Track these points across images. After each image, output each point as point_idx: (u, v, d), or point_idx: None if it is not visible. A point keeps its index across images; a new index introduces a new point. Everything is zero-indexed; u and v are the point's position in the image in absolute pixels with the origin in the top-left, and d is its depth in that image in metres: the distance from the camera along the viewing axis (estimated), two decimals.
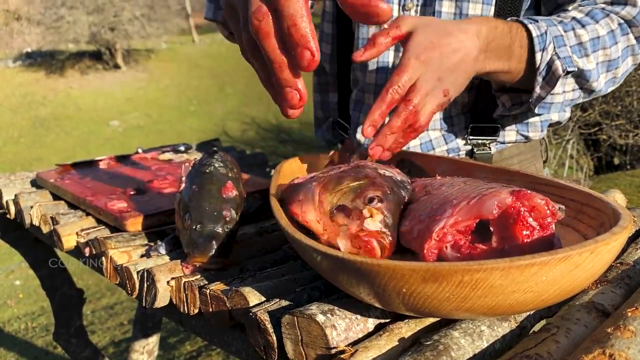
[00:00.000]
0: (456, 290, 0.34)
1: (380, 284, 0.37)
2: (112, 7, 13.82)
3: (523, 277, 0.34)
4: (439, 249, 0.42)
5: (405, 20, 0.65)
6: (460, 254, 0.42)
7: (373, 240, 0.46)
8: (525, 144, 0.98)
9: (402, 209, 0.50)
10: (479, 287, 0.34)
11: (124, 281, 0.59)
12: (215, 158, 0.64)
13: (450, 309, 0.36)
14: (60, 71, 13.37)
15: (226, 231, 0.57)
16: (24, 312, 3.65)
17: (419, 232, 0.44)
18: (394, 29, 0.65)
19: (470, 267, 0.33)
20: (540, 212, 0.41)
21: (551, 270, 0.34)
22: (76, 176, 0.92)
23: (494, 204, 0.41)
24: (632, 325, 0.37)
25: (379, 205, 0.48)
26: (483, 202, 0.41)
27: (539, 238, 0.41)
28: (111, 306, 3.48)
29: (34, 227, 0.83)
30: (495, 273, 0.33)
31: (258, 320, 0.43)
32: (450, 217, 0.42)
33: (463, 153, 0.92)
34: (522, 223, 0.41)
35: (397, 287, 0.36)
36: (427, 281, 0.35)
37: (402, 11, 0.87)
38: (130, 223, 0.68)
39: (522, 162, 0.99)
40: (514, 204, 0.41)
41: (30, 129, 9.99)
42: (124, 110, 10.35)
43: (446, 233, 0.42)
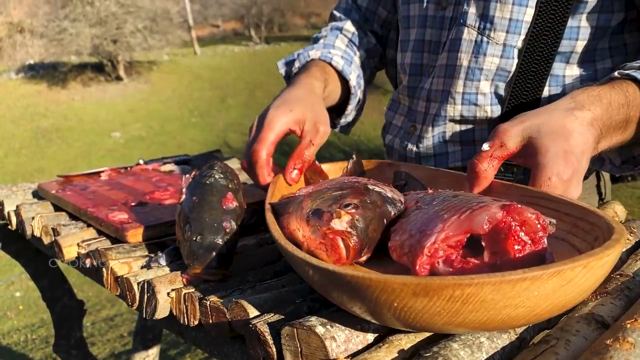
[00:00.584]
0: (447, 304, 0.34)
1: (371, 298, 0.37)
2: (114, 20, 13.92)
3: (514, 292, 0.34)
4: (431, 264, 0.42)
5: (510, 134, 0.56)
6: (452, 268, 0.42)
7: (338, 239, 0.47)
8: None
9: (388, 224, 0.50)
10: (470, 301, 0.34)
11: (125, 292, 0.59)
12: (215, 169, 0.65)
13: (441, 324, 0.36)
14: (62, 83, 13.44)
15: (226, 242, 0.57)
16: (24, 324, 3.63)
17: (410, 247, 0.44)
18: (499, 149, 0.56)
19: (460, 281, 0.33)
20: (531, 226, 0.41)
21: (543, 285, 0.34)
22: (77, 187, 0.93)
23: (485, 218, 0.41)
24: (631, 337, 0.37)
25: (352, 211, 0.48)
26: (474, 217, 0.41)
27: (531, 252, 0.41)
28: (111, 318, 3.47)
29: (35, 238, 0.83)
30: (487, 288, 0.33)
31: (258, 332, 0.43)
32: (441, 232, 0.42)
33: None
34: (513, 238, 0.41)
35: (389, 301, 0.36)
36: (418, 295, 0.35)
37: (437, 10, 0.86)
38: (131, 234, 0.69)
39: None
40: (505, 219, 0.41)
41: (32, 140, 10.02)
42: (125, 121, 10.39)
43: (437, 248, 0.42)
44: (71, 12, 13.66)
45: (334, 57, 0.94)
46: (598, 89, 0.62)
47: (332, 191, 0.52)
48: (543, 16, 0.77)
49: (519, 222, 0.41)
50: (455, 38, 0.83)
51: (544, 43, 0.79)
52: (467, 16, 0.82)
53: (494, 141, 0.56)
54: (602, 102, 0.60)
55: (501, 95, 0.83)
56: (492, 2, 0.79)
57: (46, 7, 14.46)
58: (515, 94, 0.82)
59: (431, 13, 0.87)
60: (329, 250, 0.47)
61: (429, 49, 0.89)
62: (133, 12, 14.14)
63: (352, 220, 0.48)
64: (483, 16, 0.80)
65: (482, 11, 0.80)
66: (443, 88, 0.87)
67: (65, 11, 13.75)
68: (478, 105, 0.85)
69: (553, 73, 0.81)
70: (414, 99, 0.93)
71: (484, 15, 0.80)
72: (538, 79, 0.80)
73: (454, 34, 0.83)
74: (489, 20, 0.80)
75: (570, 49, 0.79)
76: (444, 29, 0.86)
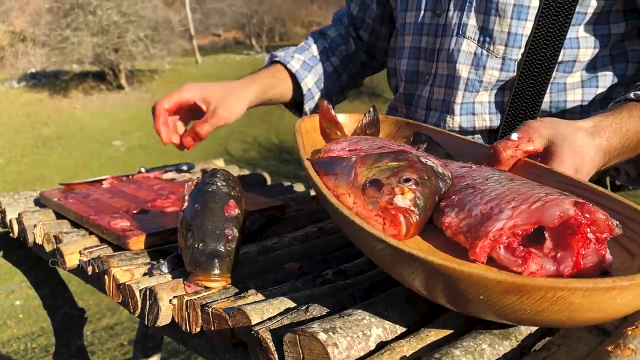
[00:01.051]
0: (535, 303, 0.35)
1: (456, 288, 0.37)
2: (116, 29, 14.00)
3: (602, 298, 0.35)
4: (492, 249, 0.43)
5: (539, 133, 0.60)
6: (513, 256, 0.42)
7: (400, 216, 0.46)
8: None
9: (438, 200, 0.50)
10: (558, 303, 0.35)
11: (127, 299, 0.59)
12: (217, 177, 0.65)
13: (520, 318, 0.37)
14: (64, 91, 13.48)
15: (228, 249, 0.57)
16: (24, 333, 3.62)
17: (470, 228, 0.44)
18: (526, 143, 0.60)
19: (555, 284, 0.35)
20: (599, 226, 0.41)
21: (628, 294, 0.35)
22: (79, 195, 0.93)
23: (557, 213, 0.41)
24: (632, 344, 0.37)
25: (413, 187, 0.48)
26: (545, 209, 0.41)
27: (593, 251, 0.41)
28: (111, 327, 3.46)
29: (37, 246, 0.83)
30: (578, 293, 0.35)
31: (260, 339, 0.44)
32: (509, 219, 0.42)
33: None
34: (580, 235, 0.41)
35: (476, 294, 0.37)
36: (510, 293, 0.35)
37: (432, 18, 0.88)
38: (133, 242, 0.69)
39: None
40: (576, 216, 0.41)
41: (33, 148, 10.04)
42: (126, 130, 10.40)
43: (502, 234, 0.42)
44: (73, 21, 13.73)
45: (292, 61, 1.04)
46: (620, 116, 0.65)
47: (388, 160, 0.52)
48: (542, 29, 0.78)
49: (589, 222, 0.41)
50: (455, 49, 0.84)
51: (543, 55, 0.80)
52: (466, 28, 0.83)
53: (524, 134, 0.60)
54: (621, 131, 0.64)
55: (501, 105, 0.84)
56: (491, 15, 0.80)
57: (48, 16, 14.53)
58: (515, 103, 0.83)
59: (427, 21, 0.89)
60: (387, 223, 0.47)
61: (424, 56, 0.91)
62: (135, 21, 14.21)
63: (415, 198, 0.48)
64: (483, 29, 0.82)
65: (482, 24, 0.82)
66: (444, 98, 0.88)
67: (67, 20, 13.82)
68: (476, 115, 0.85)
69: (554, 81, 0.82)
70: (411, 106, 0.94)
71: (483, 29, 0.82)
72: (538, 89, 0.81)
73: (453, 44, 0.85)
74: (489, 34, 0.81)
75: (572, 58, 0.80)
76: (439, 37, 0.88)
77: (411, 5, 0.92)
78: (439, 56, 0.87)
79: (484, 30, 0.82)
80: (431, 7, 0.88)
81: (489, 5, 0.80)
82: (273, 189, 1.07)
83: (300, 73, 1.03)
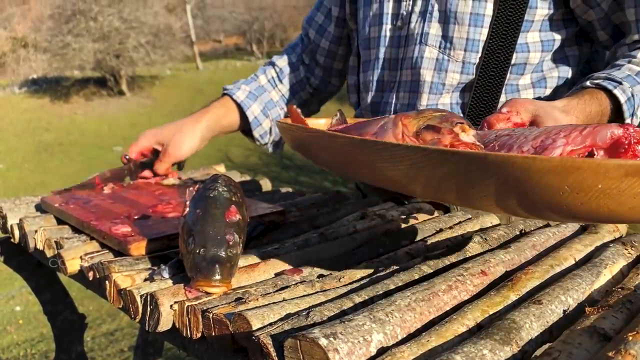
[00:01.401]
0: None
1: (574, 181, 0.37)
2: (117, 35, 14.04)
3: None
4: None
5: (525, 107, 0.66)
6: None
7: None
8: None
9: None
10: None
11: (127, 305, 0.59)
12: (219, 183, 0.65)
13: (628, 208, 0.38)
14: (65, 97, 13.51)
15: (229, 255, 0.57)
16: (24, 339, 3.61)
17: None
18: (515, 115, 0.64)
19: None
20: None
21: None
22: (80, 201, 0.93)
23: (608, 134, 0.43)
24: (633, 349, 0.37)
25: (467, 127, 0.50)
26: (597, 132, 0.43)
27: None
28: (111, 332, 3.45)
29: (38, 251, 0.83)
30: None
31: (261, 344, 0.44)
32: (566, 145, 0.43)
33: None
34: (632, 152, 0.42)
35: (594, 184, 0.37)
36: (629, 175, 0.36)
37: (394, 31, 0.97)
38: (134, 247, 0.69)
39: None
40: (626, 135, 0.42)
41: (34, 154, 10.05)
42: (127, 135, 10.41)
43: None
44: (74, 27, 13.78)
45: (237, 92, 1.15)
46: (584, 99, 0.75)
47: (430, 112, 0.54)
48: (497, 35, 0.88)
49: (636, 140, 0.43)
50: (418, 56, 0.93)
51: (498, 58, 0.89)
52: (428, 36, 0.92)
53: (512, 108, 0.64)
54: (585, 111, 0.73)
55: (462, 105, 0.93)
56: (450, 24, 0.89)
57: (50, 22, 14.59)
58: (474, 104, 0.92)
59: (389, 34, 0.98)
60: None
61: (389, 66, 0.99)
62: (136, 28, 14.26)
63: (477, 134, 0.50)
64: (443, 37, 0.91)
65: (443, 32, 0.91)
66: (409, 102, 0.96)
67: (68, 26, 13.88)
68: None
69: (508, 82, 0.91)
70: (378, 113, 1.01)
71: (444, 36, 0.91)
72: (495, 90, 0.91)
73: (417, 52, 0.93)
74: (449, 41, 0.91)
75: (523, 61, 0.90)
76: (402, 47, 0.96)
77: (374, 21, 1.00)
78: (403, 64, 0.96)
79: (445, 38, 0.91)
80: (393, 20, 0.97)
81: (449, 14, 0.89)
82: (274, 194, 1.07)
83: (245, 103, 1.14)
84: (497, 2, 0.86)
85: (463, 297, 0.52)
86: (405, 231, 0.74)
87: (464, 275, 0.55)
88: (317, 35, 1.17)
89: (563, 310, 0.49)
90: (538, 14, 0.88)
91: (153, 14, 15.19)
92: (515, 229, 0.73)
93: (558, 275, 0.57)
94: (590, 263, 0.58)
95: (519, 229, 0.74)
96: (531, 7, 0.87)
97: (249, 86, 1.17)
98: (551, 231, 0.70)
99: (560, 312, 0.49)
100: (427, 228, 0.76)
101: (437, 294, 0.51)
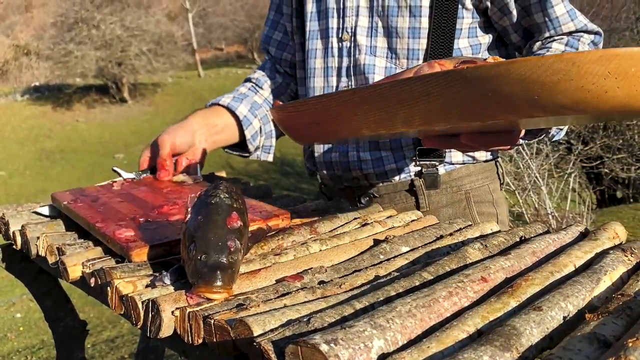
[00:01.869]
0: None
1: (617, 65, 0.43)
2: (119, 43, 14.10)
3: None
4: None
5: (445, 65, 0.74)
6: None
7: None
8: (476, 165, 1.12)
9: None
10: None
11: (129, 311, 0.59)
12: (220, 189, 0.65)
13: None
14: (67, 104, 13.55)
15: (231, 261, 0.57)
16: (24, 345, 3.61)
17: None
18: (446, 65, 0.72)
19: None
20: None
21: None
22: (88, 198, 0.93)
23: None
24: (633, 356, 0.37)
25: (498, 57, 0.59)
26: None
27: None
28: (112, 339, 3.44)
29: (40, 258, 0.83)
30: None
31: (262, 350, 0.44)
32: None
33: (413, 173, 1.08)
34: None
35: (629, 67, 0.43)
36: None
37: (339, 42, 1.09)
38: (136, 254, 0.69)
39: (474, 183, 1.11)
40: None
41: (36, 161, 10.07)
42: (129, 143, 10.44)
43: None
44: (77, 35, 13.85)
45: (222, 99, 1.19)
46: None
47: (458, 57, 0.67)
48: (434, 43, 1.02)
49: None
50: (369, 64, 1.06)
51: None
52: (376, 49, 1.05)
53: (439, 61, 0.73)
54: None
55: None
56: (393, 37, 1.04)
57: (52, 30, 14.66)
58: None
59: (335, 45, 1.09)
60: None
61: (338, 73, 1.10)
62: (138, 36, 14.32)
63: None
64: (389, 48, 1.05)
65: (387, 45, 1.05)
66: None
67: (71, 34, 13.95)
68: None
69: None
70: None
71: (389, 48, 1.05)
72: None
73: (367, 61, 1.06)
74: (394, 52, 1.05)
75: None
76: (350, 56, 1.08)
77: (320, 35, 1.12)
78: (355, 71, 1.07)
79: (390, 49, 1.05)
80: (338, 34, 1.08)
81: (390, 30, 1.03)
82: (275, 201, 1.07)
83: (232, 104, 1.18)
84: (432, 16, 1.00)
85: (463, 304, 0.53)
86: (406, 238, 0.74)
87: (464, 282, 0.55)
88: (278, 49, 1.27)
89: (563, 316, 0.49)
90: (465, 23, 1.03)
91: (155, 22, 15.25)
92: (515, 236, 0.74)
93: (558, 281, 0.57)
94: (590, 270, 0.59)
95: (519, 235, 0.74)
96: (459, 17, 1.02)
97: (230, 95, 1.21)
98: (551, 238, 0.70)
99: (560, 318, 0.49)
100: (427, 235, 0.76)
101: (438, 300, 0.51)
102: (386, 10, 1.03)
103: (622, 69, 0.43)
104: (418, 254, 0.69)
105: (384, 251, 0.70)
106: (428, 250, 0.70)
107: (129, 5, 15.07)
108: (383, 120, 0.59)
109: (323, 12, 1.10)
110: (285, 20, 1.23)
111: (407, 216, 0.87)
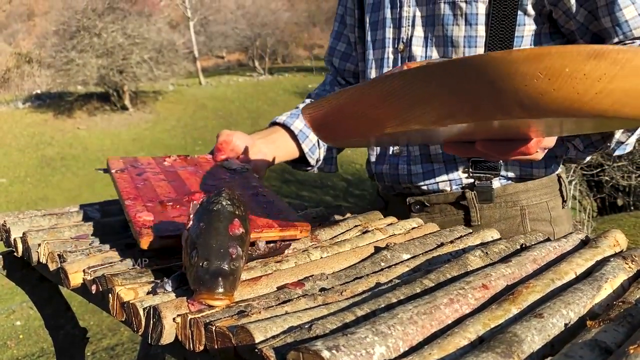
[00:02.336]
0: (609, 67, 0.40)
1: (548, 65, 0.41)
2: (121, 51, 14.15)
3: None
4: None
5: None
6: None
7: None
8: (534, 181, 1.05)
9: None
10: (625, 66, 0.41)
11: (130, 318, 0.59)
12: (223, 196, 0.66)
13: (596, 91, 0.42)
14: (68, 112, 13.59)
15: (232, 268, 0.57)
16: (24, 354, 3.59)
17: None
18: None
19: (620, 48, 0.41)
20: None
21: None
22: (135, 170, 0.94)
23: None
24: None
25: None
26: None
27: None
28: (112, 347, 3.43)
29: (41, 265, 0.84)
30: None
31: (264, 357, 0.44)
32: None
33: (465, 185, 1.04)
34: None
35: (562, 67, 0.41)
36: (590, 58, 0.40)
37: (394, 53, 1.06)
38: (145, 241, 0.69)
39: (530, 199, 1.04)
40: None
41: (37, 168, 10.08)
42: (130, 150, 10.46)
43: None
44: (79, 43, 13.91)
45: (279, 117, 1.20)
46: None
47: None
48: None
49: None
50: None
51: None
52: (432, 60, 1.00)
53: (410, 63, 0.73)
54: None
55: None
56: (448, 47, 1.00)
57: (54, 38, 14.72)
58: None
59: (392, 56, 1.08)
60: None
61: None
62: (139, 44, 14.38)
63: None
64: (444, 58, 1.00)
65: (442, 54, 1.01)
66: None
67: (72, 42, 14.01)
68: None
69: None
70: None
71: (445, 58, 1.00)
72: None
73: None
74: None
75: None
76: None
77: (378, 45, 1.11)
78: None
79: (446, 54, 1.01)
80: (394, 44, 1.07)
81: (445, 39, 1.00)
82: None
83: (287, 121, 1.18)
84: (489, 24, 0.96)
85: (465, 311, 0.53)
86: (407, 245, 0.75)
87: (465, 289, 0.55)
88: (342, 61, 1.28)
89: (564, 323, 0.49)
90: (527, 30, 0.97)
91: (156, 30, 15.32)
92: (516, 244, 0.74)
93: (559, 289, 0.57)
94: (591, 277, 0.59)
95: (520, 243, 0.74)
96: (519, 25, 0.96)
97: (287, 113, 1.21)
98: (552, 245, 0.70)
99: (561, 325, 0.49)
100: (428, 242, 0.77)
101: (439, 307, 0.51)
102: (441, 19, 1.00)
103: (555, 69, 0.41)
104: (419, 262, 0.69)
105: (384, 258, 0.70)
106: (429, 258, 0.70)
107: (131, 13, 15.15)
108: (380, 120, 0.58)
109: (381, 22, 1.10)
110: (348, 30, 1.24)
111: (408, 224, 0.87)
